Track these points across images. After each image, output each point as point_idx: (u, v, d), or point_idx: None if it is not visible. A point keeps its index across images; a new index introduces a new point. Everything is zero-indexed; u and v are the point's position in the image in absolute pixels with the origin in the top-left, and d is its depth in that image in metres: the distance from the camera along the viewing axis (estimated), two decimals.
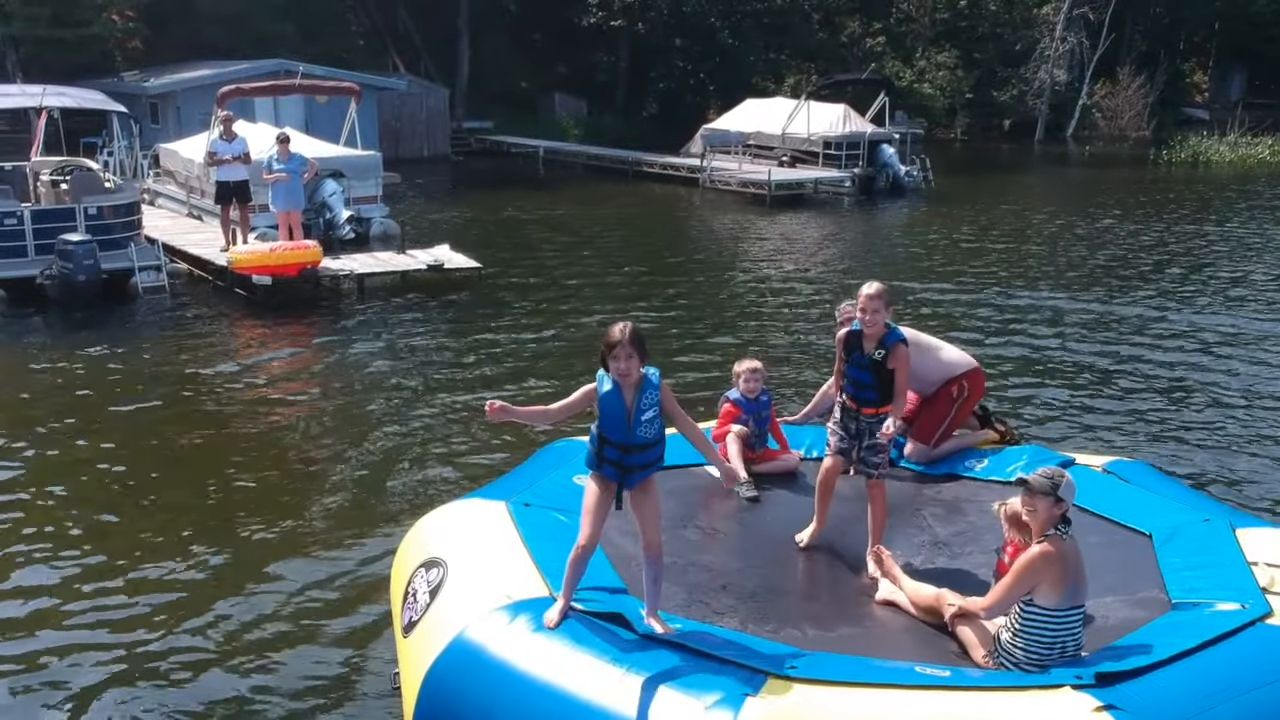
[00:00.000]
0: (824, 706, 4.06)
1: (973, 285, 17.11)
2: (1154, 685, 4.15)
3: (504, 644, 4.53)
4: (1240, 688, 4.19)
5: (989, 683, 4.34)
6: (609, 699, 4.17)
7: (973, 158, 41.75)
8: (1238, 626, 4.55)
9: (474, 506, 5.81)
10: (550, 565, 4.99)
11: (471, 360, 12.59)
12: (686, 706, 4.06)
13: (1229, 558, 5.18)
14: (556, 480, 6.21)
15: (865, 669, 4.36)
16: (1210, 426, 10.40)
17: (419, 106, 35.80)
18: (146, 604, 6.83)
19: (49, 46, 29.56)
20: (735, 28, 44.22)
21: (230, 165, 16.36)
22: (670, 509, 6.15)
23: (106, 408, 10.73)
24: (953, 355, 7.00)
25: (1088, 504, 5.93)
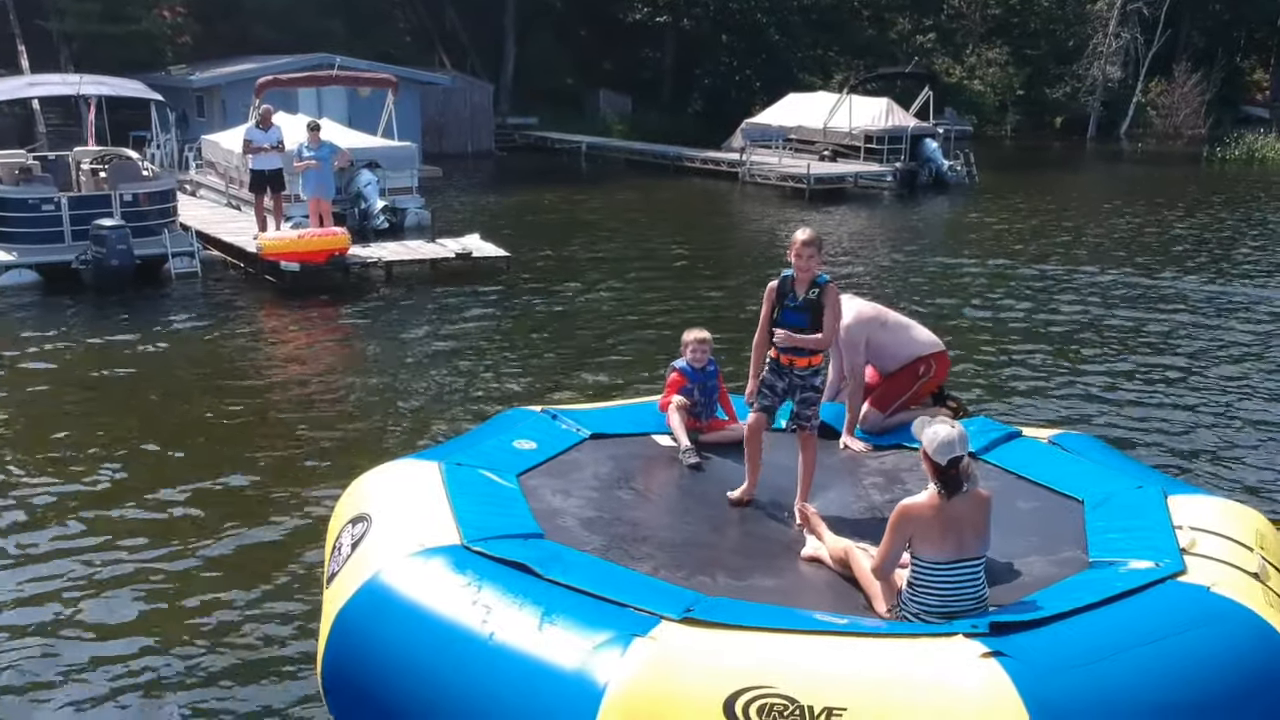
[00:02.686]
0: (712, 649, 4.04)
1: (1001, 278, 16.88)
2: (1047, 636, 4.12)
3: (411, 587, 4.60)
4: (1135, 641, 4.14)
5: (882, 630, 4.32)
6: (503, 638, 4.22)
7: (1022, 155, 41.22)
8: (1146, 583, 4.51)
9: (408, 466, 5.88)
10: (467, 517, 5.05)
11: (500, 349, 12.59)
12: (575, 646, 4.08)
13: (1155, 522, 5.11)
14: (496, 444, 6.30)
15: (762, 614, 4.33)
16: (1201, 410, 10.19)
17: (463, 102, 36.01)
18: (165, 576, 6.91)
19: (100, 42, 30.12)
20: (782, 24, 44.05)
21: (265, 154, 16.54)
22: (609, 471, 6.21)
23: (131, 387, 10.90)
24: (922, 335, 7.10)
25: (1027, 472, 6.01)
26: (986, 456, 6.25)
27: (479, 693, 4.14)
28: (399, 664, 4.39)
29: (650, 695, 3.88)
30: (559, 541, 5.11)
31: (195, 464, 8.81)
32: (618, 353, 12.46)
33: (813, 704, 3.76)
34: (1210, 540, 4.89)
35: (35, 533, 7.48)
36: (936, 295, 15.63)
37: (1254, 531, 5.12)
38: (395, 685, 4.38)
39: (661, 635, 4.08)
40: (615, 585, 4.51)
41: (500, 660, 4.17)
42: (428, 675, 4.29)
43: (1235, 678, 4.14)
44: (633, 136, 37.95)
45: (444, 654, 4.29)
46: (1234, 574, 4.63)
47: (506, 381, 11.16)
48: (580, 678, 3.97)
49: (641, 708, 3.86)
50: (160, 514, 7.88)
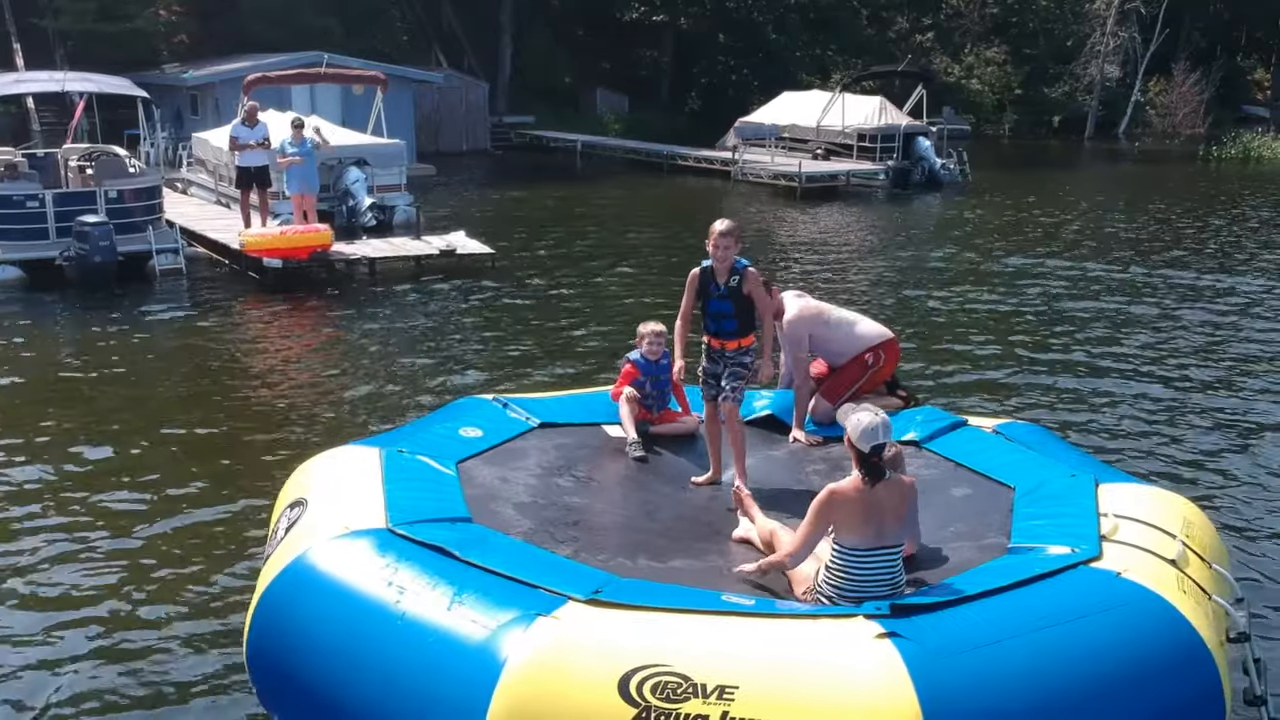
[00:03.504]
0: (613, 628, 4.09)
1: (975, 272, 16.92)
2: (946, 618, 4.16)
3: (332, 567, 4.70)
4: (1035, 625, 4.18)
5: (787, 611, 4.35)
6: (414, 617, 4.32)
7: (1019, 154, 41.23)
8: (1057, 569, 4.56)
9: (350, 451, 5.99)
10: (397, 501, 5.15)
11: (476, 343, 12.66)
12: (481, 625, 4.17)
13: (1080, 509, 5.15)
14: (443, 431, 6.42)
15: (669, 595, 4.38)
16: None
17: (459, 100, 36.08)
18: (135, 564, 6.98)
19: (95, 40, 30.24)
20: (780, 23, 44.07)
21: (251, 151, 16.61)
22: (552, 460, 6.30)
23: (109, 382, 10.96)
24: (867, 328, 7.23)
25: (966, 460, 6.12)
26: (930, 445, 6.35)
27: (388, 670, 4.23)
28: (316, 642, 4.50)
29: (547, 673, 3.95)
30: (487, 526, 5.18)
31: (166, 453, 8.89)
32: (593, 346, 12.52)
33: (705, 682, 3.81)
34: (1133, 527, 4.93)
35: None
36: (907, 288, 15.74)
37: (1180, 519, 5.16)
38: (311, 662, 4.48)
39: (565, 615, 4.15)
40: (529, 567, 4.58)
41: (409, 638, 4.25)
42: (342, 652, 4.39)
43: (1136, 662, 4.18)
44: (629, 135, 37.99)
45: (358, 632, 4.40)
46: (1150, 560, 4.68)
47: (481, 373, 11.22)
48: (481, 655, 4.05)
49: (538, 685, 3.93)
50: (128, 497, 8.00)
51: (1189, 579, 4.65)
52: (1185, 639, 4.32)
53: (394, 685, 4.19)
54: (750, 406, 7.11)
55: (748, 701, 3.76)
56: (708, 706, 3.76)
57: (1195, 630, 4.34)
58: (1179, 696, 4.23)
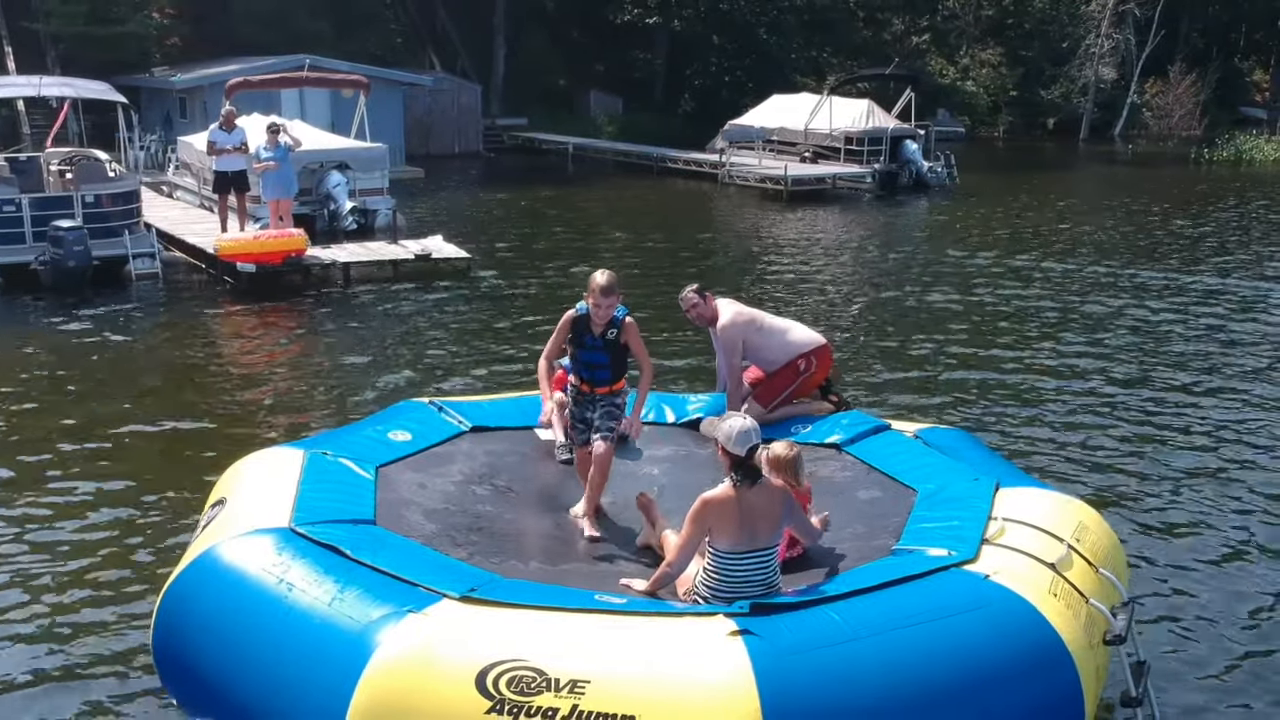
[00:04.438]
0: (479, 625, 4.27)
1: (955, 279, 16.95)
2: (803, 618, 4.29)
3: (230, 564, 4.93)
4: (892, 624, 4.28)
5: (653, 609, 4.49)
6: (298, 611, 4.52)
7: (1013, 156, 41.26)
8: (929, 570, 4.66)
9: (276, 453, 6.18)
10: (307, 502, 5.36)
11: (444, 347, 12.73)
12: (356, 619, 4.37)
13: (972, 513, 5.24)
14: (371, 434, 6.56)
15: (542, 594, 4.55)
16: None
17: (450, 103, 36.15)
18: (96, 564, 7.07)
19: (87, 43, 30.36)
20: (774, 25, 44.07)
21: (228, 155, 16.69)
22: (476, 465, 6.44)
23: (73, 383, 11.06)
24: (800, 335, 7.38)
25: (879, 464, 6.22)
26: (849, 448, 6.48)
27: (271, 659, 4.43)
28: (211, 631, 4.73)
29: (410, 665, 4.11)
30: (390, 528, 5.36)
31: (121, 452, 9.00)
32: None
33: (559, 676, 3.97)
34: (1020, 530, 5.02)
35: None
36: (872, 289, 15.78)
37: (1074, 523, 5.24)
38: (206, 650, 4.70)
39: (436, 612, 4.33)
40: (414, 567, 4.75)
41: (292, 630, 4.46)
42: (233, 642, 4.61)
43: (991, 663, 4.27)
44: (623, 137, 38.03)
45: (248, 623, 4.62)
46: (1026, 563, 4.76)
47: (442, 378, 11.29)
48: (352, 647, 4.24)
49: (400, 677, 4.09)
50: (75, 489, 8.20)
51: (1066, 582, 4.72)
52: (1045, 641, 4.39)
53: (274, 674, 4.38)
54: (683, 409, 7.27)
55: (598, 695, 3.91)
56: (559, 699, 3.91)
57: (1057, 632, 4.41)
58: (1035, 697, 4.30)
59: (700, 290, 7.28)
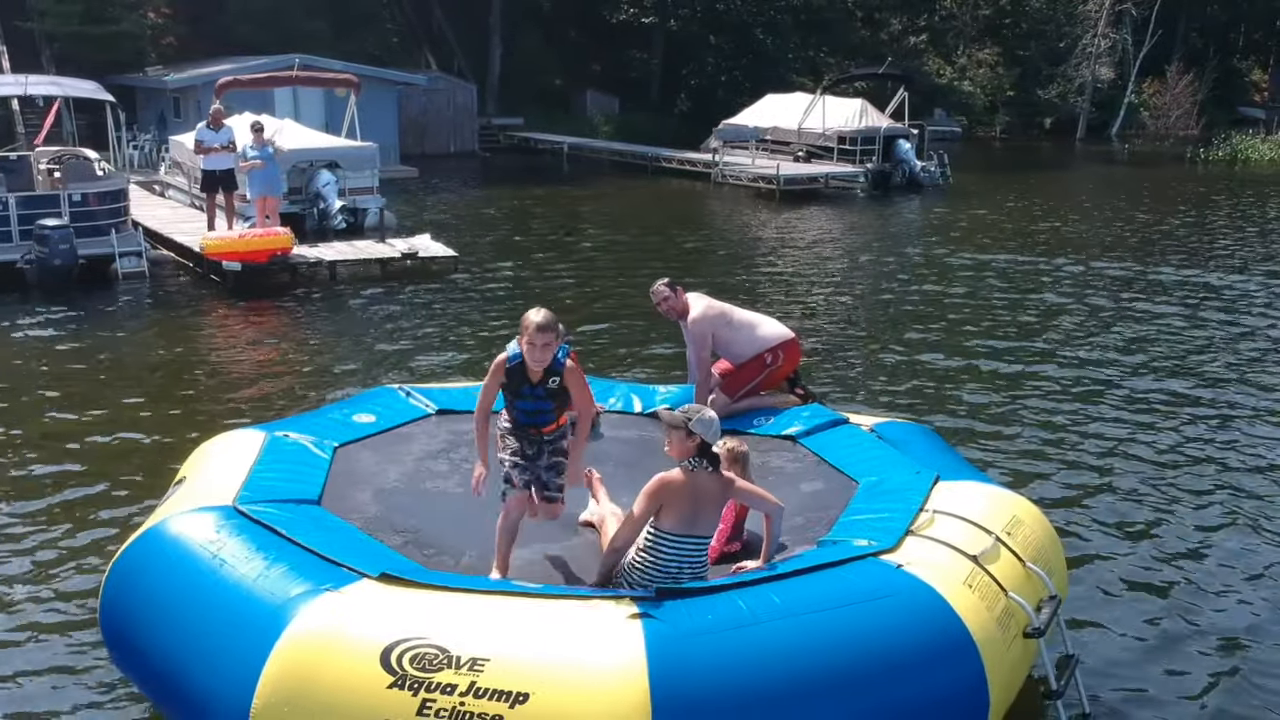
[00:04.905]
0: (390, 604, 4.39)
1: (953, 278, 16.99)
2: (708, 602, 4.37)
3: (170, 539, 5.11)
4: (797, 610, 4.33)
5: (563, 593, 4.55)
6: (225, 586, 4.70)
7: (1008, 156, 41.28)
8: (844, 559, 4.72)
9: (240, 435, 6.38)
10: (256, 481, 5.56)
11: (427, 344, 12.74)
12: (276, 595, 4.52)
13: (905, 504, 5.29)
14: (336, 417, 6.81)
15: (455, 578, 4.65)
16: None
17: (446, 103, 36.19)
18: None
19: (81, 43, 30.39)
20: (770, 24, 44.12)
21: (216, 154, 16.72)
22: (435, 446, 6.59)
23: (54, 379, 11.09)
24: (768, 330, 7.49)
25: (828, 455, 6.27)
26: (804, 440, 6.55)
27: (197, 631, 4.61)
28: (148, 605, 4.90)
29: (319, 641, 4.26)
30: (334, 507, 5.54)
31: (95, 447, 9.02)
32: None
33: (460, 654, 4.10)
34: (949, 523, 5.07)
35: None
36: (854, 286, 15.78)
37: (1008, 517, 5.28)
38: (143, 624, 4.87)
39: (352, 590, 4.47)
40: (341, 547, 4.88)
41: (218, 604, 4.63)
42: (165, 615, 4.78)
43: (891, 651, 4.32)
44: (619, 137, 38.07)
45: (180, 597, 4.80)
46: (945, 554, 4.81)
47: (426, 374, 11.28)
48: (269, 621, 4.38)
49: (309, 651, 4.24)
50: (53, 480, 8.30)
51: (986, 575, 4.76)
52: (950, 631, 4.44)
53: (200, 644, 4.56)
54: (651, 400, 7.41)
55: (495, 673, 4.04)
56: (458, 676, 4.04)
57: (963, 623, 4.45)
58: (937, 686, 4.34)
59: (671, 284, 7.40)
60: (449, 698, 4.02)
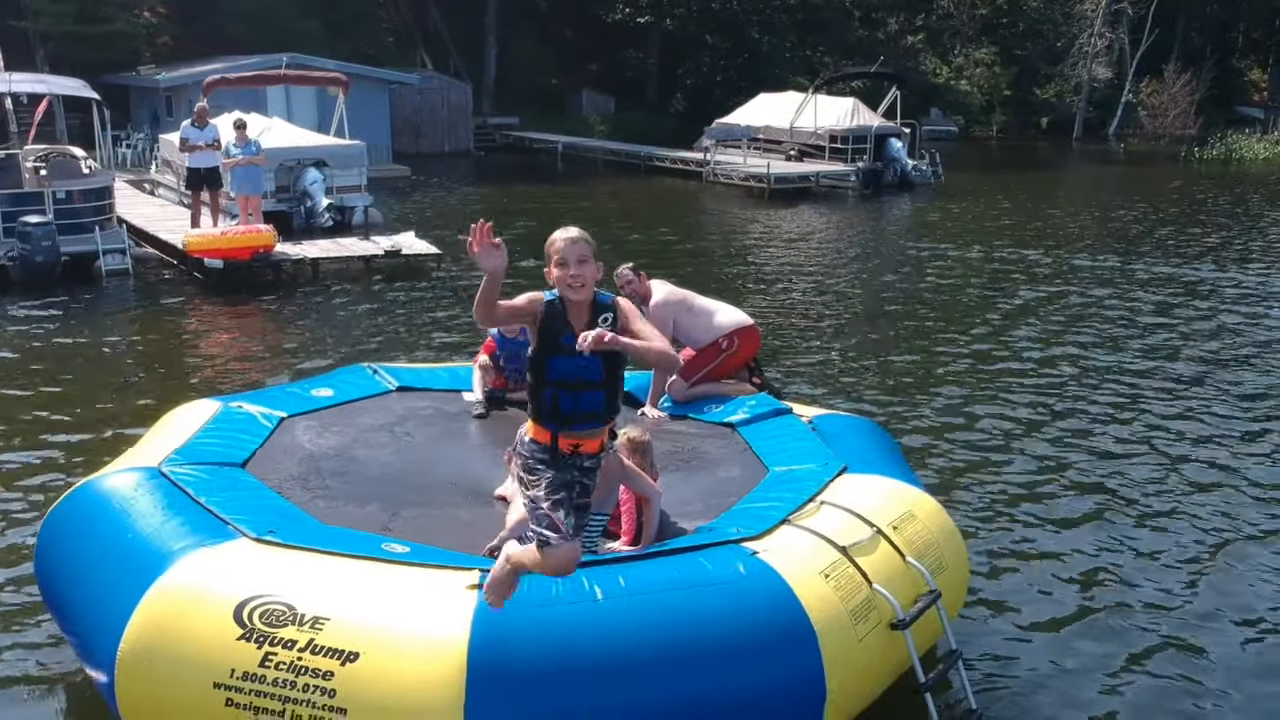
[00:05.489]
0: (254, 562, 4.63)
1: (934, 274, 17.01)
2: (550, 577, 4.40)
3: (90, 496, 5.44)
4: (633, 590, 4.44)
5: (422, 559, 4.68)
6: (124, 539, 4.97)
7: (1004, 155, 41.31)
8: (704, 544, 4.82)
9: (198, 404, 6.73)
10: (190, 446, 5.85)
11: (413, 339, 12.82)
12: (160, 550, 4.77)
13: (797, 493, 5.34)
14: (294, 390, 7.11)
15: (331, 539, 4.84)
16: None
17: (440, 102, 36.28)
18: None
19: (76, 42, 30.51)
20: (766, 23, 44.15)
21: (201, 152, 16.78)
22: (386, 419, 6.78)
23: (27, 376, 11.13)
24: (726, 317, 7.63)
25: (756, 444, 6.32)
26: (741, 429, 6.59)
27: (93, 582, 4.89)
28: (63, 554, 5.24)
29: (183, 594, 4.53)
30: (256, 471, 5.77)
31: (70, 440, 9.05)
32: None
33: (305, 612, 4.33)
34: (832, 513, 5.12)
35: None
36: (833, 281, 15.79)
37: (901, 513, 5.30)
38: (60, 573, 5.19)
39: (229, 548, 4.72)
40: (238, 508, 5.10)
41: (112, 556, 4.90)
42: (75, 565, 5.10)
43: (722, 635, 4.36)
44: (615, 136, 38.15)
45: (88, 549, 5.09)
46: (812, 543, 4.85)
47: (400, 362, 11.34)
48: (146, 574, 4.65)
49: (172, 602, 4.51)
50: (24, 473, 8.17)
51: (852, 565, 4.78)
52: (789, 618, 4.46)
53: (94, 593, 4.84)
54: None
55: (333, 632, 4.26)
56: (300, 632, 4.27)
57: (804, 611, 4.47)
58: (766, 672, 4.37)
59: (635, 269, 7.59)
60: (289, 652, 4.23)
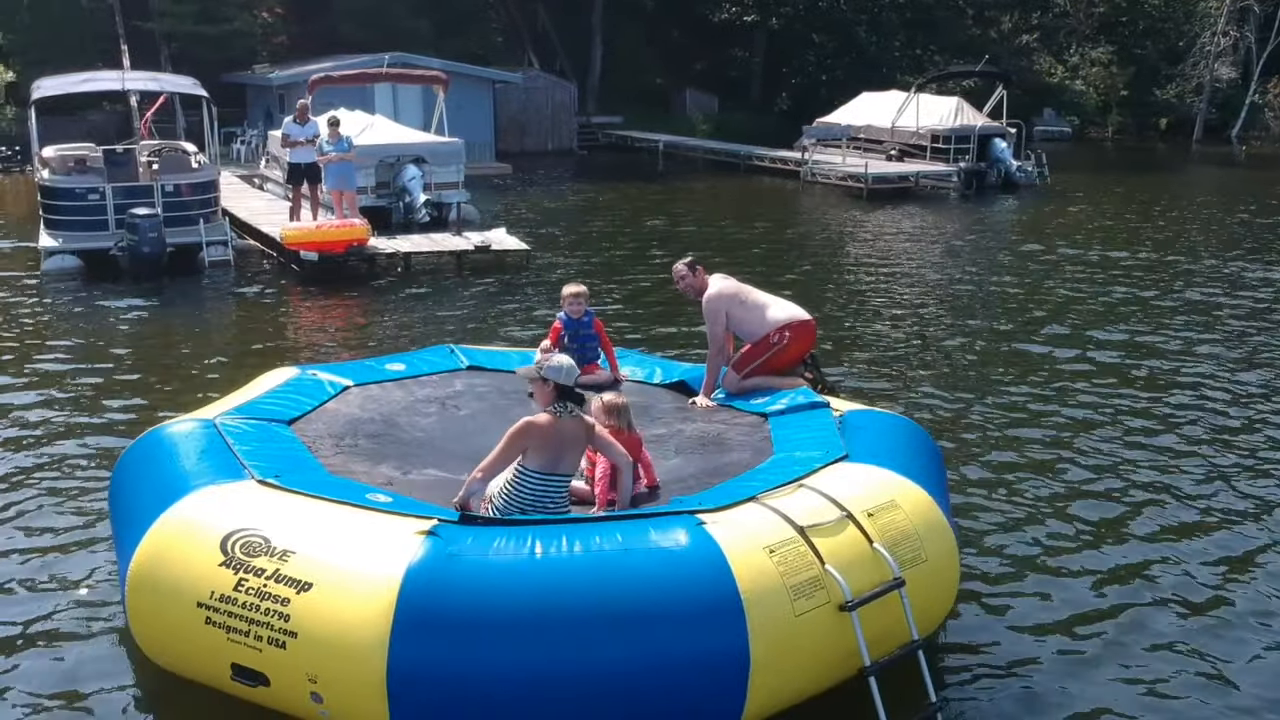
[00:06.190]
0: (250, 501, 5.13)
1: (1023, 277, 16.68)
2: (501, 533, 4.73)
3: (152, 438, 6.13)
4: (574, 551, 4.62)
5: (395, 508, 5.03)
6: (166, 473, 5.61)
7: (1120, 157, 40.14)
8: (655, 513, 5.02)
9: (283, 370, 7.42)
10: (252, 403, 6.54)
11: (496, 330, 13.05)
12: (182, 485, 5.38)
13: (780, 476, 5.43)
14: (370, 363, 7.77)
15: (327, 487, 5.27)
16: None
17: (545, 101, 36.73)
18: None
19: (197, 41, 31.69)
20: (874, 23, 43.65)
21: (302, 147, 17.31)
22: (444, 390, 7.19)
23: (126, 360, 11.66)
24: (780, 311, 7.63)
25: (778, 433, 6.38)
26: (773, 419, 6.66)
27: (134, 507, 5.55)
28: (122, 487, 5.97)
29: (183, 524, 5.09)
30: (300, 430, 6.31)
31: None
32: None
33: (277, 545, 4.81)
34: (804, 496, 5.19)
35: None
36: (919, 282, 15.56)
37: (881, 502, 5.29)
38: (119, 501, 5.94)
39: (233, 487, 5.26)
40: (259, 455, 5.61)
41: (149, 489, 5.53)
42: (126, 495, 5.82)
43: (647, 601, 4.49)
44: (717, 136, 38.14)
45: (136, 482, 5.77)
46: (769, 520, 4.92)
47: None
48: (161, 505, 5.25)
49: (174, 530, 5.10)
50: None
51: (806, 544, 4.82)
52: (716, 588, 4.53)
53: (126, 521, 5.54)
54: (673, 374, 7.91)
55: (294, 563, 4.72)
56: (269, 562, 4.74)
57: (734, 582, 4.54)
58: (687, 638, 4.47)
59: (691, 264, 7.77)
60: (258, 579, 4.71)
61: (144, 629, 5.18)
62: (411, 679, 4.34)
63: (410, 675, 4.34)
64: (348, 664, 4.42)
